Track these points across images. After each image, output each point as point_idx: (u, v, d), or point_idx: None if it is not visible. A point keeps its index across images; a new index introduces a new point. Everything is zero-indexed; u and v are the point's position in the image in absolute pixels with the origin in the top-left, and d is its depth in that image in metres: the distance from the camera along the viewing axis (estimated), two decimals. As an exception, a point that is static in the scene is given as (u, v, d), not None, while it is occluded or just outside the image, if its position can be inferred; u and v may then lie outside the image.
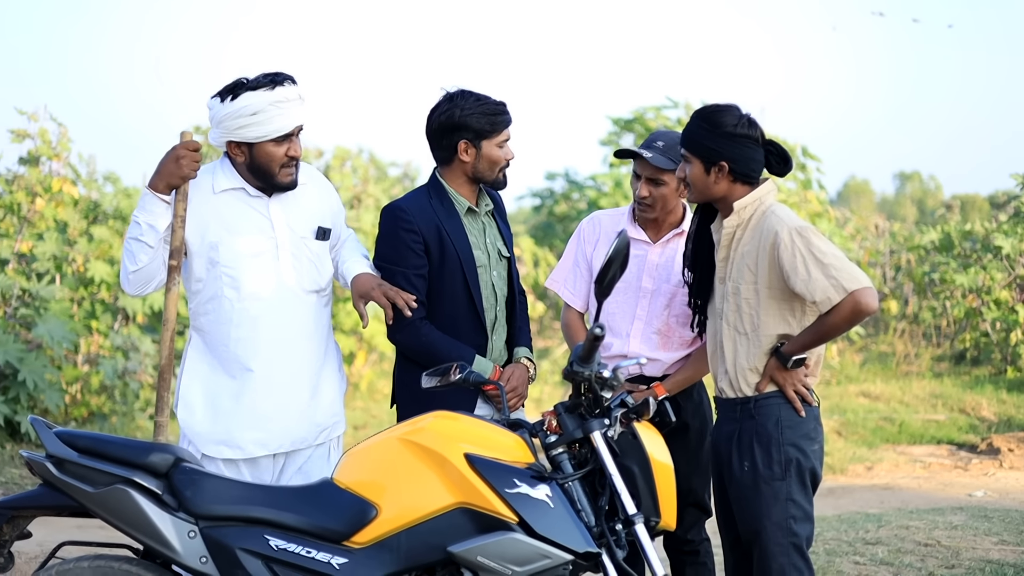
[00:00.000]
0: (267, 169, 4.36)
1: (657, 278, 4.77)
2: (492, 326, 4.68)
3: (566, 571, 3.66)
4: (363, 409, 13.63)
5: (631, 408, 3.82)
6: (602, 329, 3.64)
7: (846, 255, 13.81)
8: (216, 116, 4.34)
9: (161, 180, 4.29)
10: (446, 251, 4.58)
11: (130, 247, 4.33)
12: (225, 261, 4.35)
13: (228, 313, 4.35)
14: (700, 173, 4.20)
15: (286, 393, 4.38)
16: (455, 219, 4.64)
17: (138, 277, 4.35)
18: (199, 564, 3.77)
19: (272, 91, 4.29)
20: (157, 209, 4.30)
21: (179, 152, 4.29)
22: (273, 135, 4.32)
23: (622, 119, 18.01)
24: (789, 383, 4.13)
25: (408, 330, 4.56)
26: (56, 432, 3.85)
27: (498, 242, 4.77)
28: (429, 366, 4.30)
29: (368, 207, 15.39)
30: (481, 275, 4.65)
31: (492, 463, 3.70)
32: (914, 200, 48.56)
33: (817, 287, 4.00)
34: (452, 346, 4.54)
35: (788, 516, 4.08)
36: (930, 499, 9.20)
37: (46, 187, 10.60)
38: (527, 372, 4.69)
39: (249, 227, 4.39)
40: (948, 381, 14.31)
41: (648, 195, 4.68)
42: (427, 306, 4.59)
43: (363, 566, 3.72)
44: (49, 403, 9.60)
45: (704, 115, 4.21)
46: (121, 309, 11.30)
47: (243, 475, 4.33)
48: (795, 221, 4.09)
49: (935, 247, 16.75)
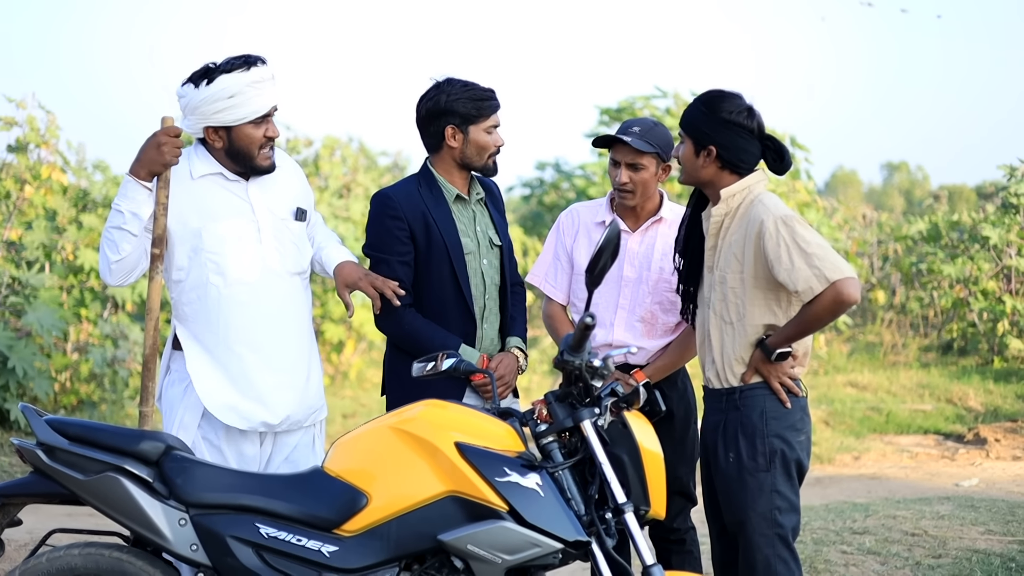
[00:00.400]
0: (247, 152, 4.35)
1: (638, 266, 4.79)
2: (482, 314, 4.69)
3: (556, 559, 3.67)
4: (352, 398, 13.63)
5: (621, 397, 3.83)
6: (593, 318, 3.65)
7: (833, 245, 13.64)
8: (191, 102, 4.29)
9: (142, 167, 4.25)
10: (432, 238, 4.60)
11: (112, 236, 4.28)
12: (209, 247, 4.32)
13: (215, 300, 4.33)
14: (690, 154, 4.22)
15: (280, 374, 4.38)
16: (443, 206, 4.65)
17: (121, 267, 4.31)
18: (189, 552, 3.77)
19: (248, 72, 4.27)
20: (139, 197, 4.26)
21: (160, 138, 4.24)
22: (251, 116, 4.31)
23: (611, 108, 18.00)
24: (774, 375, 4.14)
25: (393, 317, 4.59)
26: (47, 420, 3.85)
27: (489, 230, 4.77)
28: (416, 354, 4.33)
29: (357, 196, 15.36)
30: (469, 262, 4.66)
31: (482, 452, 3.70)
32: (902, 190, 48.59)
33: (800, 276, 4.01)
34: (437, 334, 4.55)
35: (773, 507, 4.10)
36: (917, 489, 9.23)
37: (35, 175, 10.57)
38: (516, 362, 4.70)
39: (230, 211, 4.37)
40: (935, 371, 14.35)
41: (628, 181, 4.70)
42: (413, 294, 4.61)
43: (353, 554, 3.73)
44: (38, 391, 9.59)
45: (705, 98, 4.24)
46: (110, 297, 11.29)
47: (229, 463, 4.33)
48: (781, 210, 4.10)
49: (922, 237, 16.78)
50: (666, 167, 4.75)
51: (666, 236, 4.79)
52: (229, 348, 4.34)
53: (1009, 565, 6.19)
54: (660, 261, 4.77)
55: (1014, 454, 10.75)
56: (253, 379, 4.33)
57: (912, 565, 6.26)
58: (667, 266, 4.76)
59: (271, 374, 4.36)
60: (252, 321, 4.34)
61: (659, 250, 4.78)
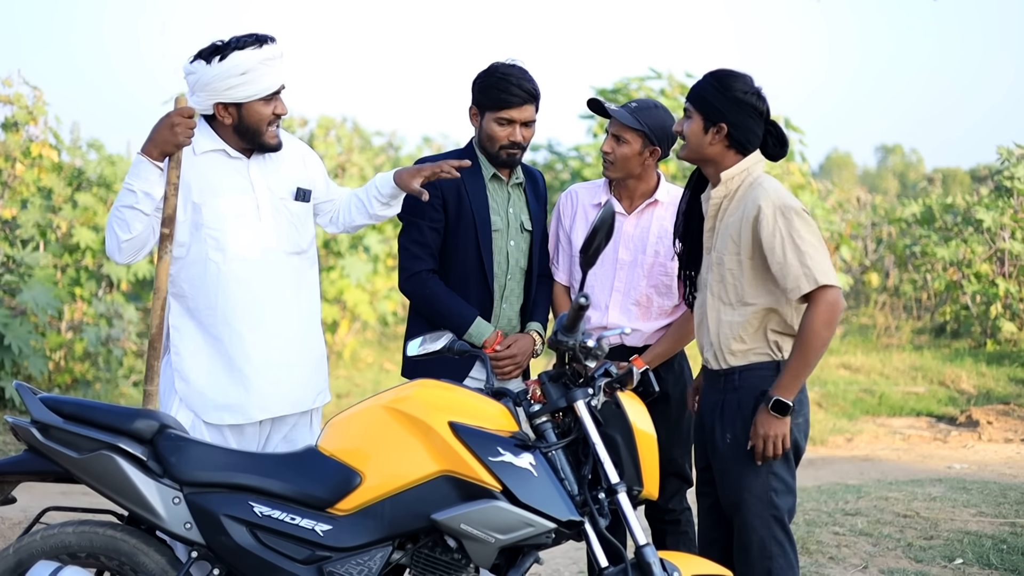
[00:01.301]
0: (256, 128, 4.36)
1: (633, 249, 4.79)
2: (502, 294, 4.73)
3: (548, 539, 3.68)
4: (346, 378, 13.64)
5: (615, 378, 3.84)
6: (587, 299, 3.65)
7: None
8: (202, 79, 4.30)
9: (155, 147, 4.24)
10: (463, 210, 4.67)
11: (123, 215, 4.26)
12: (209, 223, 4.32)
13: (215, 275, 4.33)
14: (699, 130, 4.19)
15: (277, 355, 4.37)
16: (479, 182, 4.72)
17: (131, 245, 4.30)
18: (183, 530, 3.78)
19: (260, 49, 4.29)
20: (152, 176, 4.24)
21: (174, 119, 4.23)
22: (262, 94, 4.32)
23: (606, 90, 17.97)
24: (773, 436, 4.04)
25: (417, 280, 4.68)
26: (41, 398, 3.85)
27: (523, 214, 4.82)
28: (433, 319, 4.50)
29: (352, 176, 15.35)
30: (496, 240, 4.71)
31: (476, 431, 3.71)
32: (896, 173, 48.67)
33: (790, 273, 4.00)
34: (455, 303, 4.63)
35: (769, 489, 4.09)
36: (909, 471, 9.26)
37: (25, 152, 10.55)
38: (532, 344, 4.74)
39: (231, 188, 4.37)
40: (928, 354, 14.39)
41: (611, 151, 4.71)
42: (439, 261, 4.69)
43: (347, 533, 3.74)
44: (33, 369, 9.60)
45: (717, 75, 4.21)
46: (105, 276, 11.29)
47: (229, 443, 4.34)
48: (781, 198, 4.07)
49: (916, 220, 16.82)
50: (654, 151, 4.72)
51: (662, 219, 4.79)
52: (228, 324, 4.33)
53: (1000, 547, 6.22)
54: (655, 244, 4.77)
55: (1006, 436, 10.79)
56: (251, 357, 4.32)
57: (904, 546, 6.29)
58: (662, 249, 4.76)
59: (265, 356, 4.34)
60: (252, 298, 4.34)
61: (655, 233, 4.78)
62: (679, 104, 15.79)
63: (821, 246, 4.04)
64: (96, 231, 11.10)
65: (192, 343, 4.35)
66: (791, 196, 4.12)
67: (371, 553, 3.73)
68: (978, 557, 6.08)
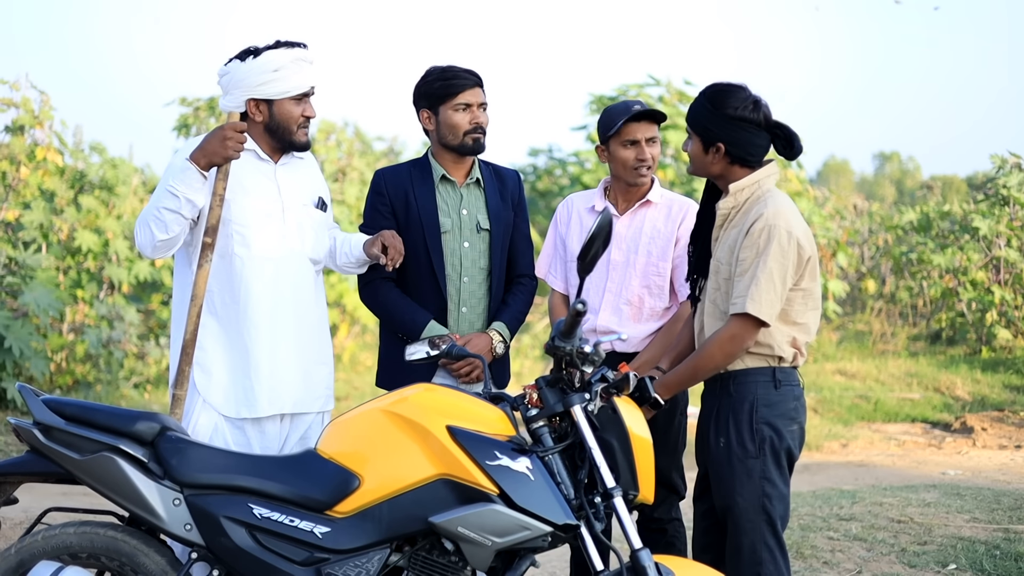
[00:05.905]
0: (286, 127, 4.49)
1: (626, 250, 4.81)
2: (459, 296, 4.75)
3: (545, 542, 3.71)
4: (345, 381, 13.65)
5: (611, 383, 3.87)
6: (584, 305, 3.68)
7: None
8: (236, 76, 4.43)
9: (204, 156, 4.30)
10: (411, 215, 4.73)
11: (163, 217, 4.30)
12: (236, 219, 4.42)
13: (239, 271, 4.41)
14: (699, 151, 4.24)
15: (294, 353, 4.46)
16: (427, 185, 4.76)
17: (166, 245, 4.36)
18: (184, 531, 3.81)
19: (292, 50, 4.45)
20: (196, 184, 4.30)
21: (226, 132, 4.31)
22: (293, 92, 4.46)
23: (604, 96, 18.00)
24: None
25: (370, 288, 4.80)
26: (44, 399, 3.88)
27: (479, 214, 4.81)
28: (389, 327, 4.65)
29: (352, 181, 15.39)
30: (446, 242, 4.73)
31: (474, 435, 3.74)
32: (893, 180, 48.66)
33: (736, 288, 4.07)
34: (408, 308, 4.69)
35: (762, 494, 4.11)
36: (904, 476, 9.27)
37: (30, 155, 10.59)
38: (489, 343, 4.72)
39: (259, 188, 4.49)
40: (923, 360, 14.40)
41: (650, 156, 4.76)
42: (395, 268, 4.69)
43: (345, 535, 3.77)
44: (35, 371, 9.62)
45: (709, 94, 4.23)
46: (107, 279, 11.32)
47: (251, 441, 4.39)
48: (778, 217, 4.07)
49: (913, 227, 16.85)
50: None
51: (654, 220, 4.82)
52: (249, 319, 4.40)
53: (994, 552, 6.24)
54: (648, 244, 4.79)
55: (1000, 443, 10.80)
56: (263, 359, 4.39)
57: (898, 552, 6.31)
58: (655, 250, 4.78)
59: (283, 353, 4.42)
60: (274, 295, 4.43)
61: (647, 234, 4.80)
62: (677, 111, 15.84)
63: (778, 280, 4.05)
64: (98, 233, 11.13)
65: (214, 337, 4.42)
66: (792, 219, 4.11)
67: (369, 555, 3.76)
68: (971, 563, 6.10)
